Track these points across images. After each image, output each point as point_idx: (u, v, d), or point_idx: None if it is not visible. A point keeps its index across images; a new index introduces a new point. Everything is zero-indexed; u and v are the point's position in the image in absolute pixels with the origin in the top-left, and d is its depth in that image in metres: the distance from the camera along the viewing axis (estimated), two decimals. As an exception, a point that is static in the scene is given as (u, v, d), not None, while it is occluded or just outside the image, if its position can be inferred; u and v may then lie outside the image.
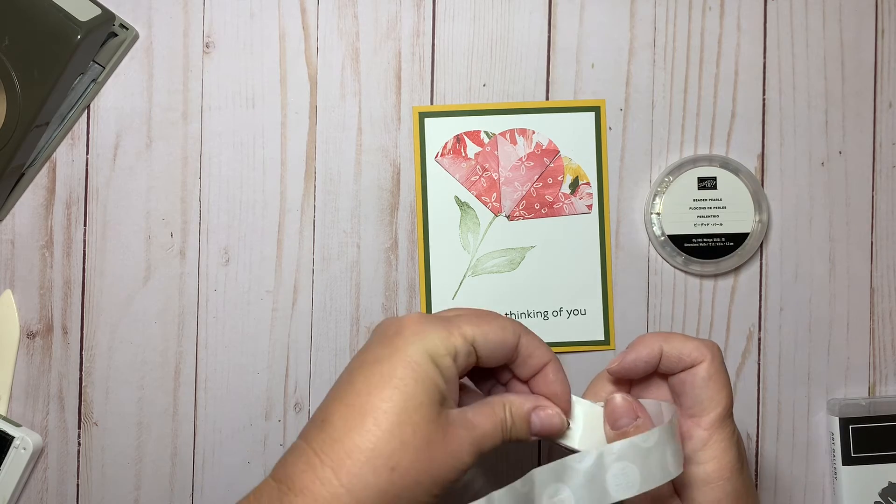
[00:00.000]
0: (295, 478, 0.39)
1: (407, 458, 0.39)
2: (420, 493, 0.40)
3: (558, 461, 0.42)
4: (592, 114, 0.59)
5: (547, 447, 0.59)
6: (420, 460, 0.40)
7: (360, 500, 0.38)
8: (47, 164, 0.58)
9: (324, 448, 0.39)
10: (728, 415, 0.46)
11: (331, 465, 0.39)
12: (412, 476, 0.39)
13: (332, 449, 0.39)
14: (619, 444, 0.42)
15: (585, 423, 0.47)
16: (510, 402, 0.45)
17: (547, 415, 0.45)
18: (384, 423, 0.39)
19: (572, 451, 0.46)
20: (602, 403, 0.47)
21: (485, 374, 0.48)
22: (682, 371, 0.47)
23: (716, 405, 0.46)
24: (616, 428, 0.45)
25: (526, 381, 0.47)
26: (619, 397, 0.46)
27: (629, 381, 0.49)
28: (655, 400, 0.47)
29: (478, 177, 0.59)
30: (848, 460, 0.58)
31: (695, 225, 0.58)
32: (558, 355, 0.59)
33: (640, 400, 0.47)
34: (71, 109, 0.58)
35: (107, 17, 0.55)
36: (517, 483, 0.42)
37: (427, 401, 0.40)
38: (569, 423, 0.46)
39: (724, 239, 0.58)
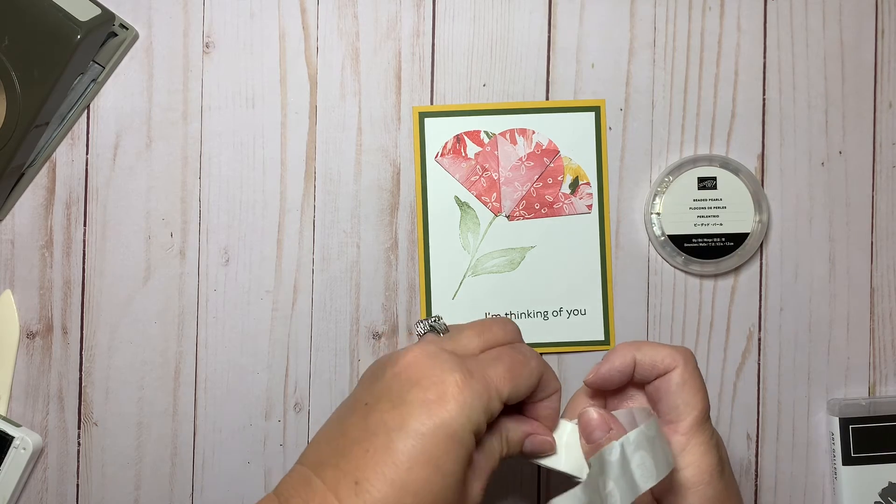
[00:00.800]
0: None
1: None
2: None
3: (598, 453, 0.43)
4: (592, 114, 0.59)
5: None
6: None
7: None
8: (47, 164, 0.58)
9: None
10: (705, 419, 0.46)
11: None
12: None
13: None
14: (634, 433, 0.43)
15: (567, 442, 0.47)
16: (508, 430, 0.45)
17: (539, 441, 0.47)
18: (423, 502, 0.40)
19: (558, 472, 0.47)
20: (577, 421, 0.48)
21: None
22: (657, 378, 0.47)
23: (691, 410, 0.46)
24: (591, 441, 0.46)
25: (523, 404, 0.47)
26: (591, 411, 0.46)
27: (604, 395, 0.50)
28: (627, 409, 0.48)
29: (478, 177, 0.59)
30: (848, 460, 0.58)
31: (695, 225, 0.58)
32: (558, 355, 0.59)
33: (613, 412, 0.47)
34: (71, 109, 0.58)
35: (107, 17, 0.55)
36: (587, 480, 0.43)
37: (461, 472, 0.41)
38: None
39: (724, 239, 0.58)
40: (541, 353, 0.58)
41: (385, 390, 0.42)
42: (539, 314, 0.59)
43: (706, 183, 0.58)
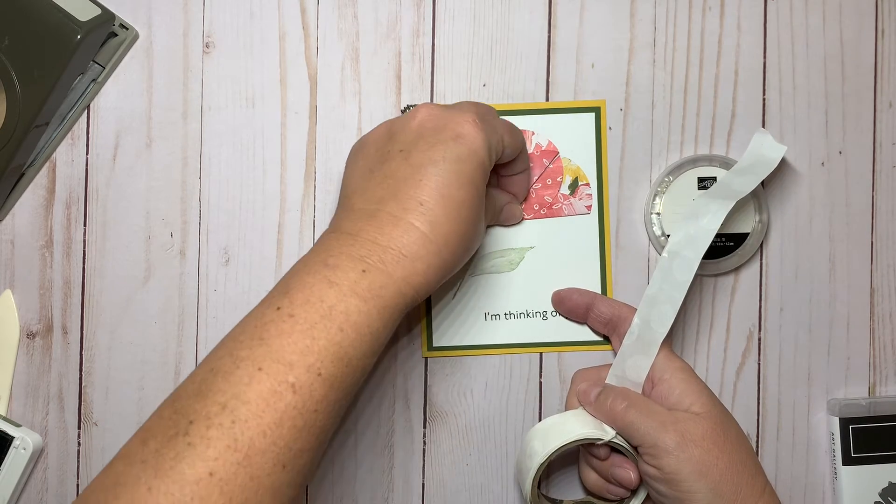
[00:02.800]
0: (407, 248, 0.46)
1: (477, 238, 0.50)
2: (465, 261, 0.51)
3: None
4: (592, 114, 0.59)
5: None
6: (479, 236, 0.51)
7: (451, 270, 0.49)
8: (47, 164, 0.58)
9: (432, 230, 0.47)
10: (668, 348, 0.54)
11: (436, 240, 0.47)
12: (473, 248, 0.50)
13: (437, 231, 0.47)
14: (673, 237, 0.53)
15: (576, 421, 0.54)
16: (493, 196, 0.56)
17: (514, 208, 0.58)
18: (471, 215, 0.48)
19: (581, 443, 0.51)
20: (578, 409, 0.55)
21: None
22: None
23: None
24: (588, 402, 0.54)
25: (499, 177, 0.57)
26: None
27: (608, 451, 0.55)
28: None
29: (478, 177, 0.59)
30: (848, 460, 0.58)
31: (695, 225, 0.58)
32: (558, 355, 0.59)
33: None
34: (71, 109, 0.58)
35: (107, 17, 0.55)
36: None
37: (484, 193, 0.50)
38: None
39: (724, 239, 0.58)
40: (540, 353, 0.59)
41: (416, 136, 0.49)
42: (538, 314, 0.59)
43: (706, 183, 0.58)
